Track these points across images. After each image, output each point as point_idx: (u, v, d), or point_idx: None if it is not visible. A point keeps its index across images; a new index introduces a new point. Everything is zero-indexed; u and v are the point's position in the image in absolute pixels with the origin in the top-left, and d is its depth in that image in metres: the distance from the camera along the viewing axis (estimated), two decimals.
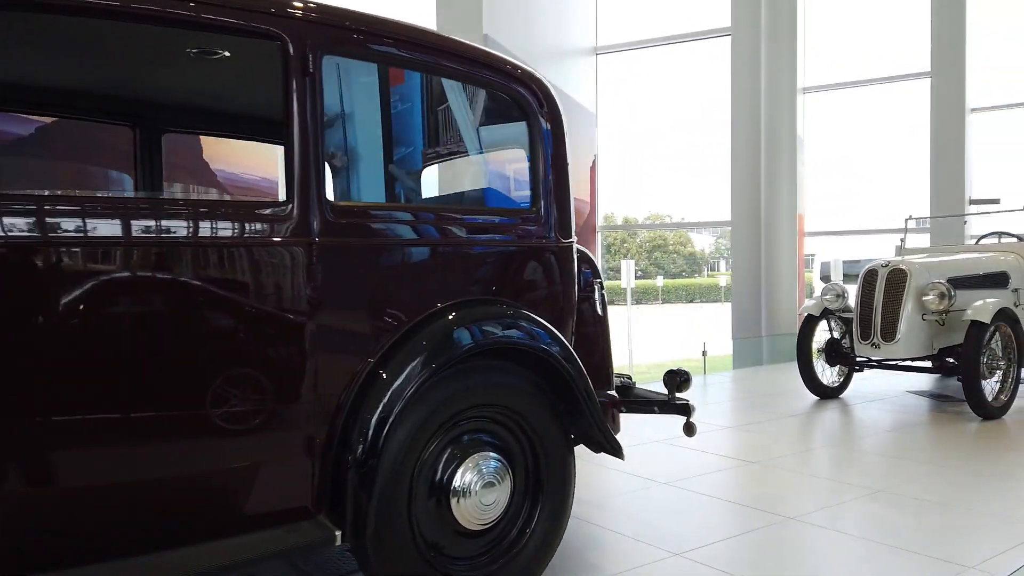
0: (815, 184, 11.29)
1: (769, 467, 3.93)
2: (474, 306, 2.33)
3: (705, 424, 4.99)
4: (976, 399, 4.98)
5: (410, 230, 2.26)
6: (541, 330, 2.39)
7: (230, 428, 1.89)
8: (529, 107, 2.51)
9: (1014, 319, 5.24)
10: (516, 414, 2.33)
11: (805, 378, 5.90)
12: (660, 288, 44.82)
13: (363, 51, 2.21)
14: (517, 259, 2.49)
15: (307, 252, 1.97)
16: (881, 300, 5.37)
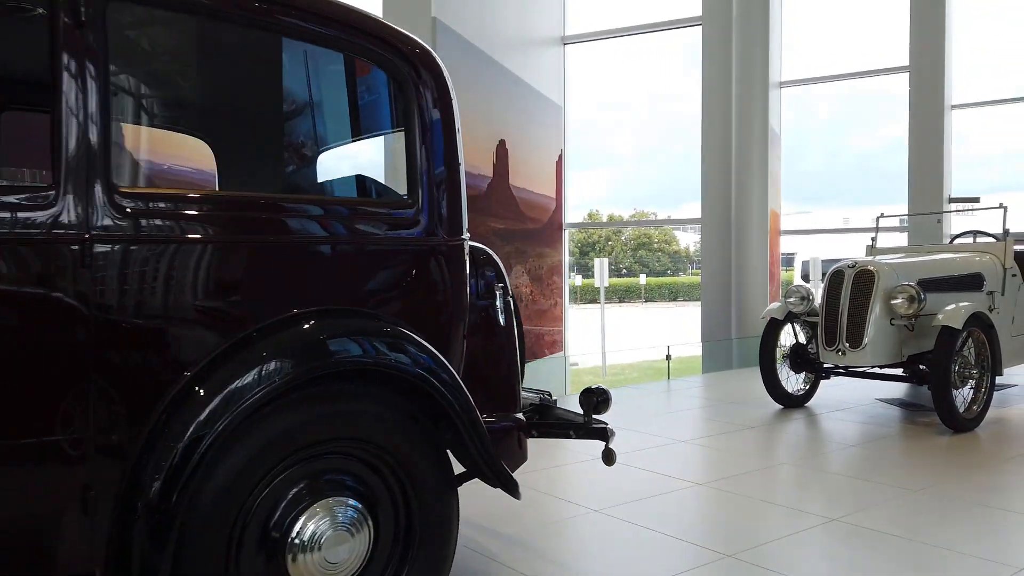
0: (800, 180, 10.96)
1: (717, 490, 3.55)
2: (328, 316, 1.92)
3: (657, 437, 4.62)
4: (946, 410, 4.63)
5: (232, 222, 1.82)
6: (415, 347, 1.98)
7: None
8: (401, 77, 2.09)
9: (988, 324, 4.89)
10: (381, 449, 1.92)
11: (768, 386, 5.54)
12: (643, 286, 44.54)
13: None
14: (387, 260, 2.08)
15: (80, 248, 1.55)
16: (847, 303, 5.01)
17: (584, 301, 45.98)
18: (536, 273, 8.60)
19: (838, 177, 61.07)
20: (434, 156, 2.12)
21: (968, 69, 12.35)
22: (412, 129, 2.09)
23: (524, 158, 8.34)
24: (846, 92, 28.00)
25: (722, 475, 3.78)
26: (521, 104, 8.25)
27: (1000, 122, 11.85)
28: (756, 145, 8.66)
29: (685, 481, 3.69)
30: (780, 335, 5.60)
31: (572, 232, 46.78)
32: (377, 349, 1.90)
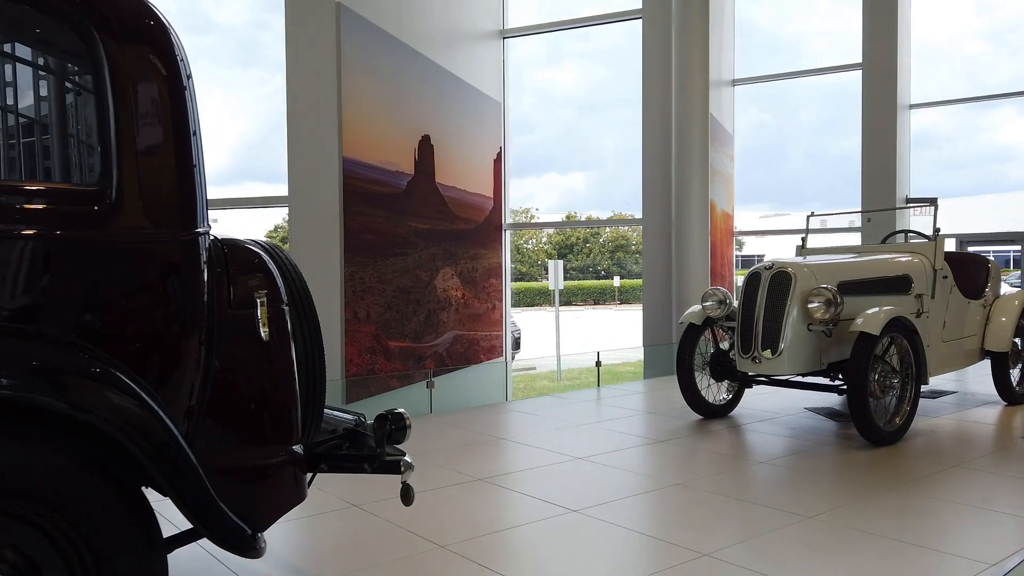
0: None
1: (588, 518, 3.19)
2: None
3: (554, 454, 4.26)
4: (864, 422, 4.31)
5: None
6: (103, 376, 1.58)
7: None
8: (87, 30, 1.67)
9: (911, 330, 4.58)
10: (42, 505, 1.52)
11: (687, 395, 5.21)
12: (617, 288, 44.35)
13: None
14: (60, 261, 1.66)
15: None
16: (763, 308, 4.68)
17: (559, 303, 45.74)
18: (469, 276, 8.24)
19: (818, 179, 61.38)
20: (143, 129, 1.72)
21: (927, 68, 12.18)
22: (104, 97, 1.68)
23: (455, 155, 7.98)
24: (830, 91, 27.75)
25: (602, 499, 3.43)
26: (450, 99, 7.88)
27: (971, 124, 11.65)
28: (696, 144, 8.34)
29: (559, 508, 3.33)
30: (699, 341, 5.27)
31: (550, 234, 46.90)
32: (20, 377, 1.51)
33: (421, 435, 4.88)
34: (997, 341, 5.50)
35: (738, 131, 12.01)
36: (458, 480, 3.74)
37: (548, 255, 59.33)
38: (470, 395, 8.04)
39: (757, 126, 65.43)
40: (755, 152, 65.04)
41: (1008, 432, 4.81)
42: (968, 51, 42.92)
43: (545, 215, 57.84)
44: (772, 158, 61.82)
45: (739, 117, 12.11)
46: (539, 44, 76.29)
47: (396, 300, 6.67)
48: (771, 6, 37.76)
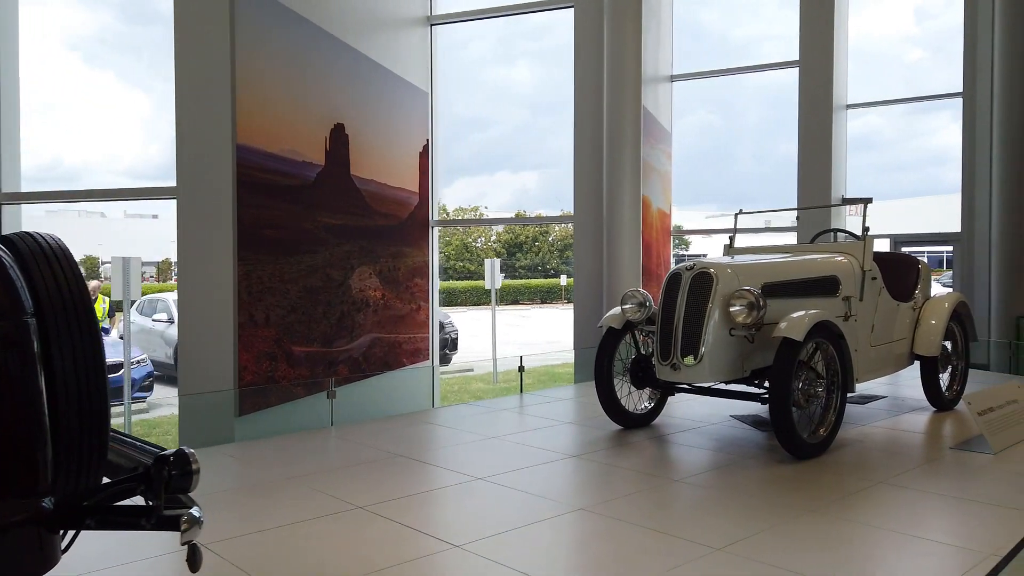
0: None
1: (466, 553, 2.78)
2: None
3: (454, 474, 3.84)
4: (787, 434, 4.01)
5: None
6: None
7: None
8: None
9: (837, 334, 4.31)
10: None
11: (605, 405, 4.86)
12: (564, 287, 44.25)
13: None
14: None
15: None
16: (683, 311, 4.35)
17: (505, 303, 45.38)
18: (391, 275, 7.75)
19: (764, 179, 62.52)
20: None
21: (868, 72, 12.19)
22: None
23: (374, 147, 7.49)
24: (776, 93, 28.01)
25: (490, 530, 3.02)
26: (369, 86, 7.39)
27: (910, 128, 11.66)
28: (628, 139, 8.03)
29: (438, 543, 2.91)
30: (620, 346, 4.93)
31: (499, 232, 46.40)
32: None
33: (309, 453, 4.42)
34: (926, 345, 5.30)
35: (686, 132, 11.80)
36: (333, 508, 3.29)
37: (497, 253, 58.93)
38: (391, 402, 7.56)
39: (705, 127, 66.31)
40: (704, 153, 65.99)
41: (937, 442, 4.59)
42: (908, 58, 44.15)
43: (495, 213, 57.38)
44: (720, 159, 62.70)
45: (687, 118, 11.96)
46: (492, 42, 75.82)
47: (302, 301, 6.16)
48: (721, 9, 38.09)
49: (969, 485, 3.65)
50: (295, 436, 4.94)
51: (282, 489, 3.62)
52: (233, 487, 3.75)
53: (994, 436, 4.26)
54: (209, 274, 5.34)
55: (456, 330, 15.46)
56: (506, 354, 18.92)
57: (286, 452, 4.46)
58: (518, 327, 27.71)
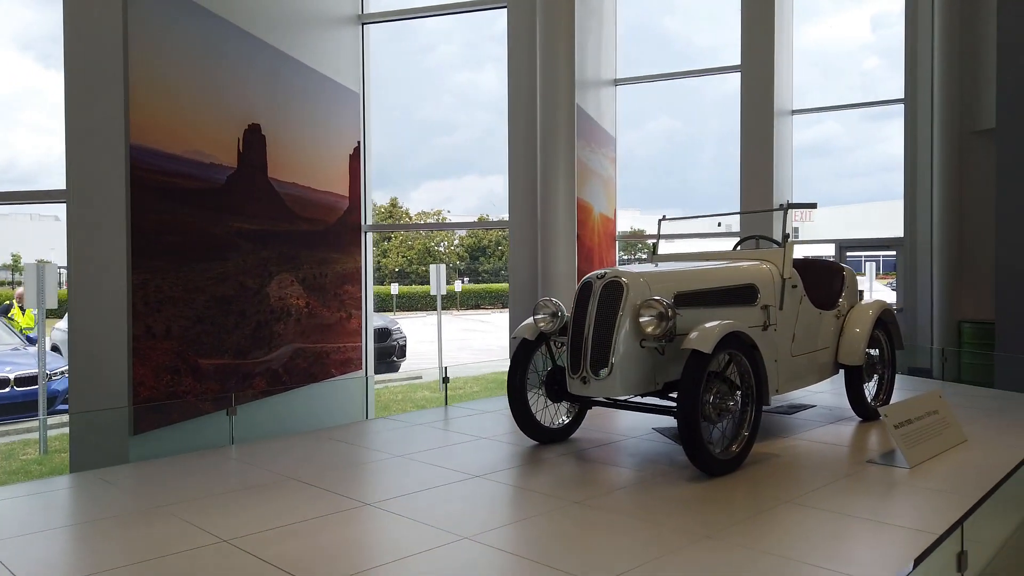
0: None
1: None
2: None
3: (342, 499, 3.58)
4: (696, 450, 3.83)
5: None
6: None
7: None
8: None
9: (751, 345, 4.15)
10: None
11: (519, 419, 4.64)
12: None
13: None
14: None
15: None
16: (593, 322, 4.16)
17: (466, 307, 45.07)
18: (317, 282, 7.45)
19: (725, 184, 63.42)
20: None
21: (826, 79, 12.23)
22: None
23: (297, 149, 7.19)
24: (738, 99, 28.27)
25: (352, 567, 2.77)
26: (291, 86, 7.09)
27: (867, 135, 11.69)
28: (562, 143, 7.84)
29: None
30: (534, 358, 4.72)
31: (463, 236, 46.17)
32: None
33: (194, 476, 4.11)
34: (850, 354, 5.20)
35: (649, 139, 11.70)
36: (191, 542, 3.01)
37: (460, 257, 58.56)
38: (316, 416, 7.26)
39: (670, 132, 66.73)
40: (667, 158, 66.25)
41: (856, 455, 4.46)
42: (865, 65, 45.02)
43: (459, 217, 57.07)
44: (684, 165, 63.21)
45: (650, 124, 11.87)
46: (458, 47, 75.47)
47: (210, 311, 5.83)
48: (684, 16, 38.14)
49: (879, 504, 3.51)
50: (190, 457, 4.62)
51: (139, 521, 3.32)
52: (85, 520, 3.44)
53: (911, 450, 4.14)
54: (100, 283, 5.00)
55: (404, 336, 15.15)
56: (461, 360, 18.67)
57: (169, 475, 4.15)
58: (478, 332, 27.45)
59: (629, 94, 11.76)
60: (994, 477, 3.79)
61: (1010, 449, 4.42)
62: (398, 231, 51.61)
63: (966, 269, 11.50)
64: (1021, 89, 8.82)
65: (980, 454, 4.34)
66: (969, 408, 5.80)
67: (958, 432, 4.65)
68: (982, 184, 10.70)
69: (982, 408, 5.85)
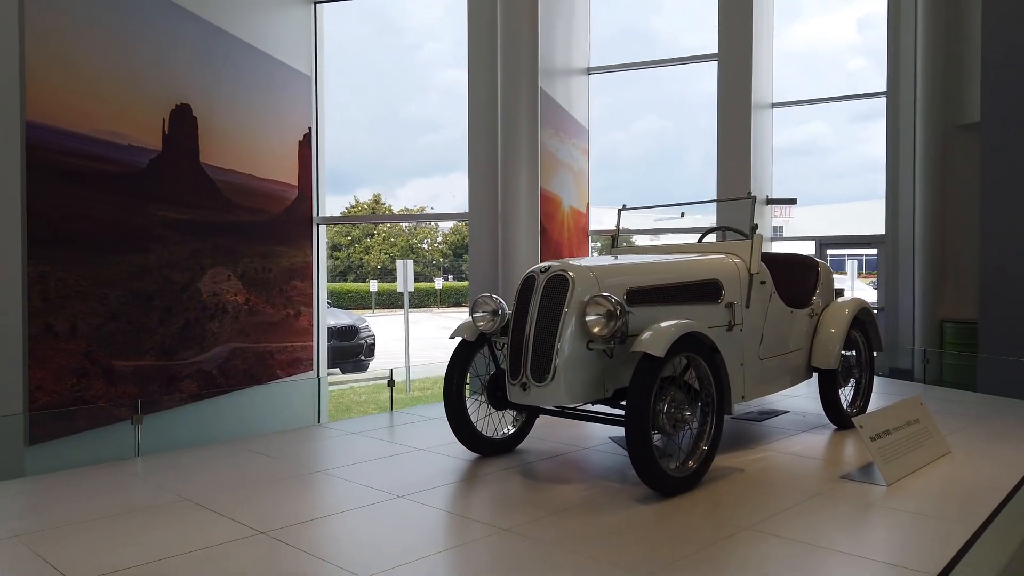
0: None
1: None
2: None
3: (237, 527, 3.09)
4: (646, 468, 3.37)
5: None
6: None
7: None
8: None
9: (711, 348, 3.69)
10: None
11: (456, 428, 4.16)
12: None
13: None
14: None
15: None
16: (535, 321, 3.69)
17: (447, 305, 44.52)
18: (259, 277, 6.93)
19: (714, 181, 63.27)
20: None
21: (813, 79, 11.87)
22: None
23: (235, 133, 6.66)
24: None
25: None
26: (229, 66, 6.56)
27: (852, 136, 11.31)
28: (525, 135, 7.35)
29: None
30: (474, 360, 4.25)
31: (446, 234, 45.33)
32: None
33: (79, 496, 3.59)
34: (824, 356, 4.76)
35: (639, 136, 11.25)
36: None
37: (443, 254, 57.93)
38: (257, 421, 6.74)
39: (659, 132, 66.63)
40: (657, 156, 66.16)
41: (829, 469, 4.02)
42: (851, 66, 44.96)
43: (443, 208, 56.36)
44: (674, 161, 63.04)
45: (639, 123, 11.42)
46: (446, 44, 74.79)
47: (127, 308, 5.30)
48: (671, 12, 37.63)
49: (853, 532, 3.06)
50: (87, 471, 4.10)
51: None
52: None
53: (888, 464, 3.70)
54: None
55: (373, 335, 14.62)
56: (435, 359, 18.14)
57: (48, 494, 3.64)
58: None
59: (621, 94, 11.33)
60: (982, 498, 3.36)
61: (997, 463, 4.00)
62: (360, 224, 50.32)
63: (949, 267, 11.15)
64: (1005, 81, 8.46)
65: (966, 469, 3.91)
66: (952, 414, 5.39)
67: (941, 443, 4.23)
68: (967, 179, 10.33)
69: (965, 414, 5.45)
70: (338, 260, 51.12)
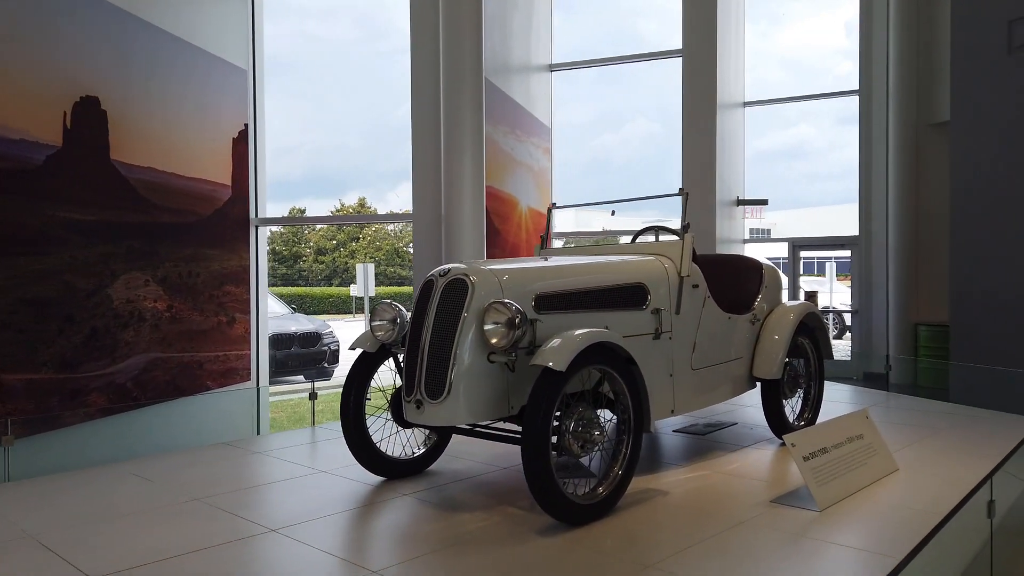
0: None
1: None
2: None
3: (63, 567, 2.68)
4: (544, 493, 2.99)
5: None
6: None
7: None
8: None
9: (626, 359, 3.32)
10: None
11: (354, 449, 3.77)
12: None
13: None
14: None
15: None
16: (431, 330, 3.31)
17: None
18: (184, 282, 6.52)
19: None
20: None
21: (801, 83, 11.57)
22: None
23: (154, 129, 6.25)
24: None
25: None
26: (146, 57, 6.15)
27: (840, 140, 11.02)
28: (469, 132, 6.97)
29: None
30: (376, 373, 3.87)
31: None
32: None
33: None
34: (766, 365, 4.40)
35: (629, 139, 10.91)
36: None
37: None
38: (185, 434, 6.32)
39: (647, 137, 66.59)
40: (646, 160, 66.07)
41: (764, 491, 3.65)
42: (838, 71, 44.89)
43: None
44: (664, 164, 62.92)
45: (627, 127, 11.09)
46: None
47: (18, 316, 4.89)
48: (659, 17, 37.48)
49: (766, 568, 2.70)
50: None
51: None
52: None
53: (822, 488, 3.34)
54: None
55: (337, 341, 14.19)
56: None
57: None
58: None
59: (614, 97, 11.00)
60: (915, 525, 3.00)
61: (943, 482, 3.65)
62: (296, 225, 49.25)
63: (923, 268, 10.85)
64: (975, 81, 8.16)
65: (908, 489, 3.56)
66: (912, 425, 5.05)
67: (888, 460, 3.87)
68: (939, 179, 10.04)
69: (925, 425, 5.10)
70: (323, 264, 50.53)
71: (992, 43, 8.07)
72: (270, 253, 34.47)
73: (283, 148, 53.26)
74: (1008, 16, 8.03)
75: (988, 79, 8.03)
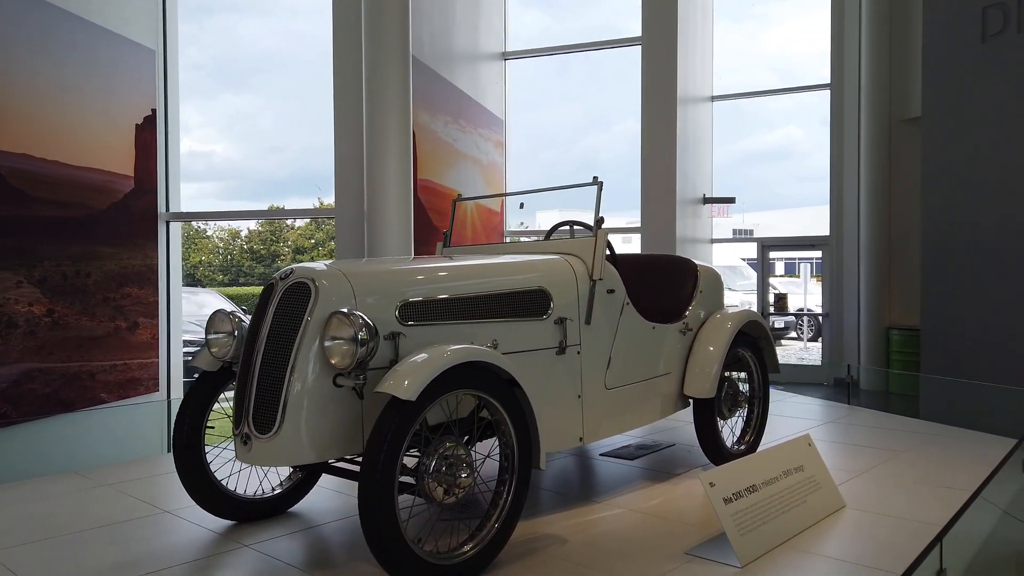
0: None
1: None
2: None
3: None
4: (385, 549, 2.36)
5: None
6: None
7: None
8: None
9: (507, 382, 2.70)
10: None
11: (190, 488, 3.12)
12: None
13: None
14: None
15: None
16: (264, 346, 2.67)
17: None
18: (70, 283, 5.82)
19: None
20: None
21: (787, 83, 11.05)
22: None
23: (34, 111, 5.57)
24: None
25: None
26: (24, 30, 5.46)
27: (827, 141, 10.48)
28: (394, 122, 6.31)
29: None
30: (221, 395, 3.22)
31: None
32: None
33: None
34: (697, 382, 3.80)
35: (615, 141, 10.35)
36: None
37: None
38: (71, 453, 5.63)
39: (634, 137, 66.99)
40: (633, 161, 66.42)
41: (681, 538, 3.03)
42: (822, 74, 45.07)
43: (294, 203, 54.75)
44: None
45: (616, 126, 10.54)
46: None
47: None
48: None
49: None
50: None
51: None
52: None
53: (745, 536, 2.74)
54: None
55: None
56: None
57: None
58: None
59: (607, 98, 10.43)
60: None
61: (893, 524, 3.06)
62: (209, 219, 48.10)
63: (895, 270, 10.33)
64: (948, 70, 7.64)
65: (853, 537, 2.97)
66: (871, 448, 4.47)
67: (832, 496, 3.28)
68: (913, 176, 9.52)
69: (889, 446, 4.52)
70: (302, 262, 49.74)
71: (966, 30, 7.56)
72: (247, 252, 33.24)
73: (272, 147, 52.27)
74: (982, 2, 7.52)
75: (961, 68, 7.52)
